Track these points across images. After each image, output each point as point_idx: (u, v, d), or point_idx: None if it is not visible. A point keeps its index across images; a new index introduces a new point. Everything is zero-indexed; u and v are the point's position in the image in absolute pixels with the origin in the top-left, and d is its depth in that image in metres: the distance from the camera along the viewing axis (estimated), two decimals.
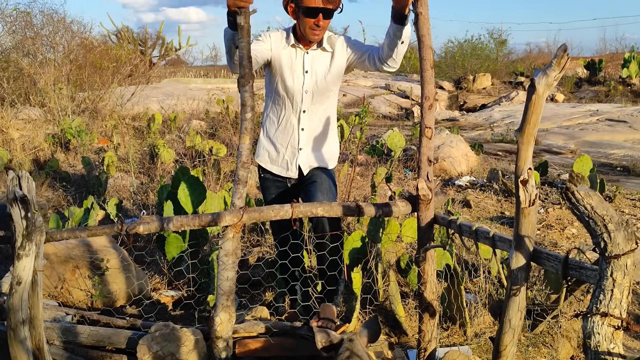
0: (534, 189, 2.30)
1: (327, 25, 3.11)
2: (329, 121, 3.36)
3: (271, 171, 3.35)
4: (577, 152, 10.85)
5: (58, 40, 13.23)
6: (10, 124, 9.68)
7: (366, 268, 4.11)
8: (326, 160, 3.37)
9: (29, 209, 2.36)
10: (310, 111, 3.26)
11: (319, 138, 3.33)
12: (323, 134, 3.34)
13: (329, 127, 3.37)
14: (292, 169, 3.31)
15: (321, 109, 3.29)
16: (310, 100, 3.23)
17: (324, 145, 3.36)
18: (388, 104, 21.68)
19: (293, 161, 3.30)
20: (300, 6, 3.04)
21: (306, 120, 3.26)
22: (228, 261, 2.82)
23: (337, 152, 3.47)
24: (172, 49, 29.66)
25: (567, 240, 5.67)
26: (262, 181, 3.44)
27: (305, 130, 3.27)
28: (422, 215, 2.99)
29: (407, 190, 7.50)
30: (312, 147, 3.32)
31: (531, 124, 2.25)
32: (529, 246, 2.34)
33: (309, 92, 3.21)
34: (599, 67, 23.61)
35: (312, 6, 3.01)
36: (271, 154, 3.33)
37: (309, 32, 3.09)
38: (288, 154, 3.30)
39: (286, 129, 3.28)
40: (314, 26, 3.06)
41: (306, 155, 3.30)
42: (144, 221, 2.78)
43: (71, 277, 3.82)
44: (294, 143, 3.28)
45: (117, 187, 7.33)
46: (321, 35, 3.13)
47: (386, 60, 3.11)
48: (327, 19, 3.08)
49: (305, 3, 3.02)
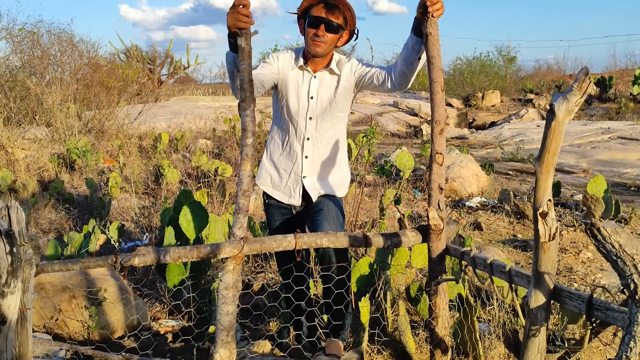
0: (554, 222, 2.13)
1: (331, 40, 2.98)
2: (337, 147, 3.20)
3: (273, 196, 3.21)
4: (590, 172, 10.66)
5: (65, 59, 13.21)
6: (16, 144, 9.60)
7: (374, 296, 3.94)
8: (334, 188, 3.20)
9: (14, 244, 2.22)
10: (314, 138, 3.11)
11: (326, 166, 3.17)
12: (330, 162, 3.18)
13: (337, 154, 3.20)
14: (295, 197, 3.15)
15: (327, 136, 3.13)
16: (314, 127, 3.09)
17: (332, 173, 3.19)
18: (396, 122, 21.57)
19: (296, 188, 3.14)
20: (307, 17, 3.00)
21: (310, 148, 3.11)
22: (228, 295, 2.67)
23: (347, 179, 3.30)
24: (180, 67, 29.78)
25: (583, 264, 5.48)
26: (266, 207, 3.29)
27: (309, 158, 3.12)
28: (433, 246, 2.82)
29: (416, 211, 7.38)
30: (317, 176, 3.15)
31: (551, 152, 2.09)
32: (549, 284, 2.17)
33: (313, 119, 3.07)
34: (609, 84, 23.45)
35: (314, 15, 2.96)
36: (274, 178, 3.19)
37: (310, 42, 2.99)
38: (291, 180, 3.15)
39: (290, 155, 3.14)
40: (314, 36, 2.96)
41: (312, 182, 3.14)
42: (139, 253, 2.64)
43: (67, 308, 3.67)
44: (297, 170, 3.13)
45: (120, 209, 7.20)
46: (323, 48, 2.99)
47: (399, 77, 2.96)
48: (330, 32, 2.96)
49: (310, 13, 2.98)
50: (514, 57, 30.87)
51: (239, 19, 2.50)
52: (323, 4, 2.96)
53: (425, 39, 2.72)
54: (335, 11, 2.96)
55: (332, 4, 2.96)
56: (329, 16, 2.94)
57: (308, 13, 3.00)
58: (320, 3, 2.97)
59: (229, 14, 2.53)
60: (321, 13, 2.95)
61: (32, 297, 2.51)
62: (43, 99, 11.40)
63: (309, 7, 3.01)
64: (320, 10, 2.95)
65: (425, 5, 2.65)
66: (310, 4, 3.00)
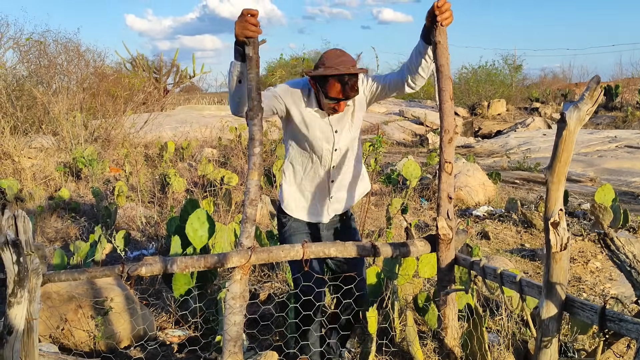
0: (566, 232, 2.11)
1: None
2: (358, 161, 3.26)
3: (300, 218, 3.19)
4: (597, 180, 10.60)
5: (72, 69, 13.25)
6: (22, 153, 9.62)
7: (382, 306, 3.92)
8: (356, 197, 3.30)
9: (21, 254, 2.20)
10: (340, 163, 3.13)
11: (350, 181, 3.22)
12: (353, 175, 3.24)
13: (360, 167, 3.28)
14: (324, 214, 3.19)
15: (348, 157, 3.15)
16: (339, 156, 3.10)
17: (355, 184, 3.26)
18: (402, 131, 21.55)
19: (324, 208, 3.18)
20: (322, 88, 2.84)
21: (337, 173, 3.14)
22: (235, 305, 2.65)
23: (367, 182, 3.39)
24: (186, 76, 29.84)
25: (592, 274, 5.44)
26: (287, 222, 3.22)
27: (336, 181, 3.15)
28: (442, 256, 2.80)
29: (423, 221, 7.35)
30: (344, 192, 3.22)
31: (562, 161, 2.07)
32: (560, 294, 2.14)
33: (338, 150, 3.07)
34: (615, 93, 23.42)
35: (333, 97, 2.82)
36: (299, 201, 3.17)
37: (329, 111, 2.93)
38: (318, 202, 3.17)
39: (314, 180, 3.13)
40: (332, 110, 2.90)
41: (337, 200, 3.20)
42: (146, 263, 2.62)
43: (73, 318, 3.65)
44: (324, 193, 3.15)
45: (126, 217, 7.19)
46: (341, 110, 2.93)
47: (414, 78, 2.90)
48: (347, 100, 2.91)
49: (327, 89, 2.82)
50: (520, 65, 30.87)
51: (247, 28, 2.49)
52: (340, 85, 2.79)
53: (434, 47, 2.71)
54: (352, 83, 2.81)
55: (350, 87, 2.80)
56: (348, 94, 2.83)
57: (323, 83, 2.83)
58: (337, 83, 2.79)
59: (237, 23, 2.52)
60: (339, 95, 2.81)
61: (38, 307, 2.49)
62: (49, 108, 11.43)
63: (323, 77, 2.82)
64: (338, 92, 2.80)
65: (434, 14, 2.64)
66: (324, 75, 2.81)
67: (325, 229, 3.26)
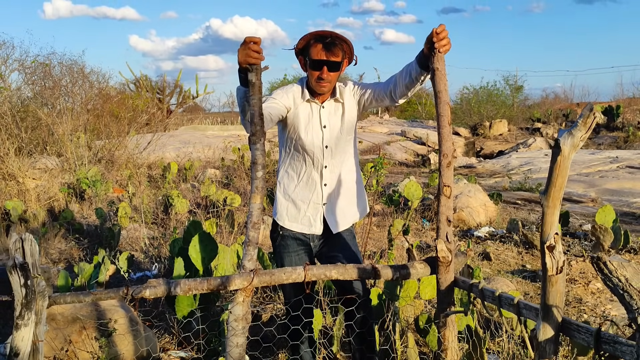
0: (562, 255, 2.15)
1: (334, 77, 3.06)
2: (352, 171, 3.29)
3: (291, 229, 3.23)
4: (598, 201, 10.63)
5: (76, 90, 13.38)
6: (27, 174, 9.69)
7: (383, 328, 3.94)
8: (353, 214, 3.29)
9: (28, 276, 2.25)
10: (331, 165, 3.18)
11: (344, 191, 3.25)
12: (348, 187, 3.26)
13: (354, 178, 3.30)
14: (317, 225, 3.20)
15: (341, 161, 3.21)
16: (330, 155, 3.16)
17: (350, 197, 3.27)
18: (404, 151, 21.63)
19: (316, 217, 3.19)
20: (308, 58, 3.03)
21: (328, 175, 3.18)
22: (238, 326, 2.69)
23: (364, 202, 3.40)
24: (189, 96, 30.05)
25: (592, 295, 5.46)
26: (280, 239, 3.26)
27: (328, 185, 3.19)
28: (441, 278, 2.84)
29: (424, 241, 7.38)
30: (337, 202, 3.23)
31: (557, 186, 2.12)
32: (557, 317, 2.18)
33: (329, 147, 3.14)
34: (616, 113, 23.50)
35: (316, 59, 2.99)
36: (290, 211, 3.21)
37: (315, 84, 3.05)
38: (310, 210, 3.19)
39: (308, 185, 3.18)
40: (318, 79, 3.02)
41: (331, 210, 3.21)
42: (150, 285, 2.66)
43: (77, 339, 3.69)
44: (316, 199, 3.18)
45: (130, 239, 7.24)
46: (328, 87, 3.07)
47: (400, 97, 3.07)
48: (332, 71, 3.02)
49: (310, 55, 3.01)
50: (521, 86, 31.04)
51: (250, 55, 2.55)
52: (321, 45, 2.99)
53: (432, 74, 2.77)
54: (334, 49, 2.99)
55: (330, 43, 2.99)
56: (330, 57, 2.98)
57: (307, 52, 3.04)
58: (317, 43, 3.00)
59: (240, 50, 2.58)
60: (321, 55, 2.98)
61: (44, 328, 2.54)
62: (54, 129, 11.53)
63: (307, 46, 3.05)
64: (319, 52, 2.99)
65: (432, 41, 2.70)
66: (308, 42, 3.04)
67: (319, 244, 3.27)
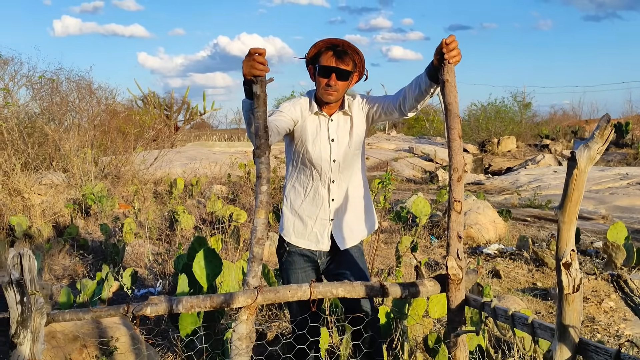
0: (578, 272, 2.06)
1: (342, 87, 3.00)
2: (360, 187, 3.22)
3: (298, 245, 3.16)
4: (609, 218, 10.50)
5: (83, 106, 13.39)
6: (32, 190, 9.66)
7: (392, 347, 3.84)
8: (361, 231, 3.22)
9: (25, 293, 2.18)
10: (339, 180, 3.12)
11: (352, 207, 3.18)
12: (356, 202, 3.20)
13: (362, 193, 3.23)
14: (324, 242, 3.13)
15: (349, 176, 3.15)
16: (338, 169, 3.10)
17: (358, 213, 3.21)
18: (412, 167, 21.56)
19: (324, 233, 3.12)
20: (317, 65, 3.00)
21: (336, 190, 3.12)
22: (242, 346, 2.60)
23: (373, 218, 3.33)
24: (197, 113, 30.13)
25: (605, 314, 5.34)
26: (286, 256, 3.19)
27: (336, 200, 3.13)
28: (452, 297, 2.74)
29: (433, 259, 7.27)
30: (345, 218, 3.16)
31: (573, 201, 2.03)
32: (574, 337, 2.08)
33: (336, 161, 3.08)
34: (626, 130, 23.40)
35: (325, 65, 2.96)
36: (297, 227, 3.15)
37: (323, 92, 3.00)
38: (317, 226, 3.12)
39: (315, 201, 3.12)
40: (326, 86, 2.98)
41: (339, 226, 3.14)
42: (151, 302, 2.58)
43: (78, 358, 3.60)
44: (323, 215, 3.12)
45: (134, 255, 7.16)
46: (335, 96, 3.01)
47: (410, 110, 2.99)
48: (341, 80, 2.97)
49: (320, 62, 2.98)
50: (529, 102, 31.01)
51: (255, 67, 2.49)
52: (332, 52, 2.96)
53: (442, 86, 2.70)
54: (345, 58, 2.96)
55: (341, 51, 2.96)
56: (339, 64, 2.95)
57: (317, 60, 3.01)
58: (328, 50, 2.97)
59: (245, 62, 2.52)
60: (331, 62, 2.95)
61: (42, 347, 2.45)
62: (60, 145, 11.51)
63: (317, 54, 3.02)
64: (329, 59, 2.96)
65: (442, 52, 2.64)
66: (319, 50, 3.01)
67: (326, 262, 3.20)
